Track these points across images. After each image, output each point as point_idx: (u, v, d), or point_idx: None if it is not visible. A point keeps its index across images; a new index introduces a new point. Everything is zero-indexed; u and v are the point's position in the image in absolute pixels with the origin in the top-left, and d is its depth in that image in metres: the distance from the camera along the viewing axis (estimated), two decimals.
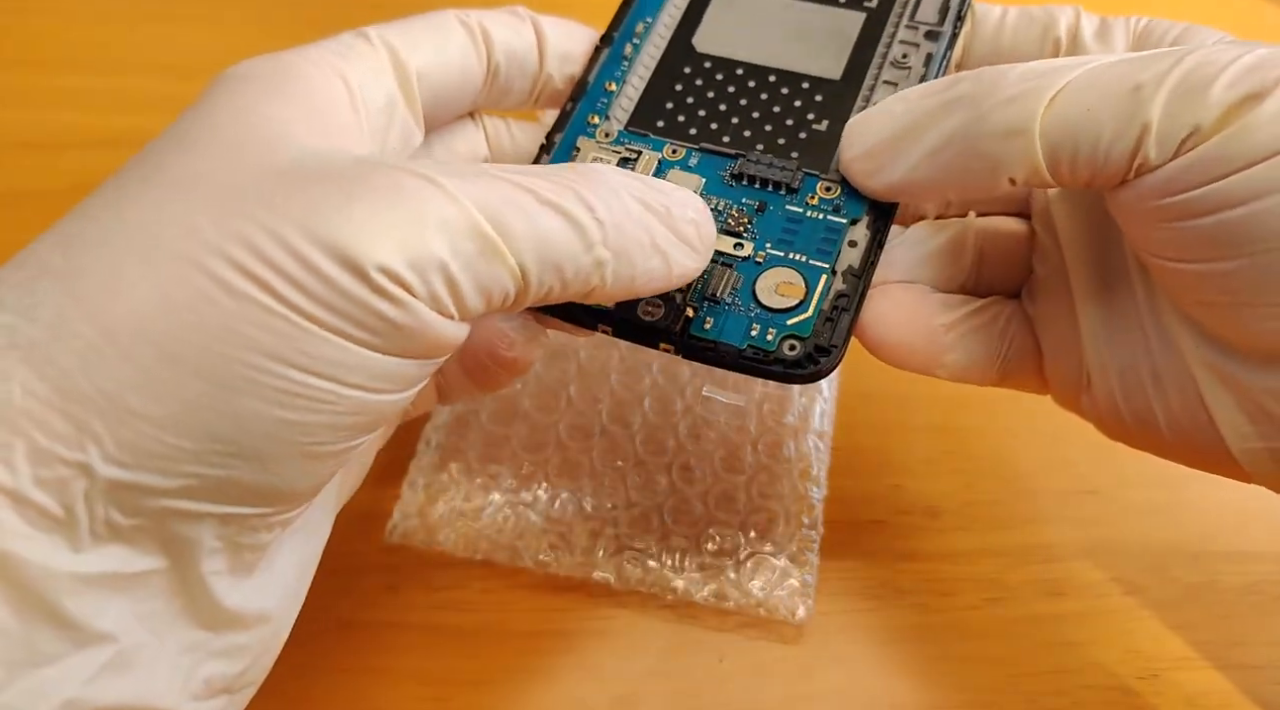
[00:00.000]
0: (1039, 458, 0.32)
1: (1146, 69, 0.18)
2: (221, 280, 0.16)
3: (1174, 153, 0.18)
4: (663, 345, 0.22)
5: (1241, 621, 0.29)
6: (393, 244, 0.16)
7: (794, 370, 0.21)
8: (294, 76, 0.20)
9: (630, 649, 0.28)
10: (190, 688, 0.18)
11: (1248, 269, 0.18)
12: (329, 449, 0.17)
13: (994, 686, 0.27)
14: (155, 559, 0.17)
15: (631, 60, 0.25)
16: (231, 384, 0.16)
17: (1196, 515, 0.31)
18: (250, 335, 0.16)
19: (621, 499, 0.30)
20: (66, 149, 0.39)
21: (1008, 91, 0.19)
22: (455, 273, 0.17)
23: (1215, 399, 0.20)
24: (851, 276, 0.22)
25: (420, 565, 0.29)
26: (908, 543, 0.30)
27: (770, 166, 0.23)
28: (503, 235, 0.17)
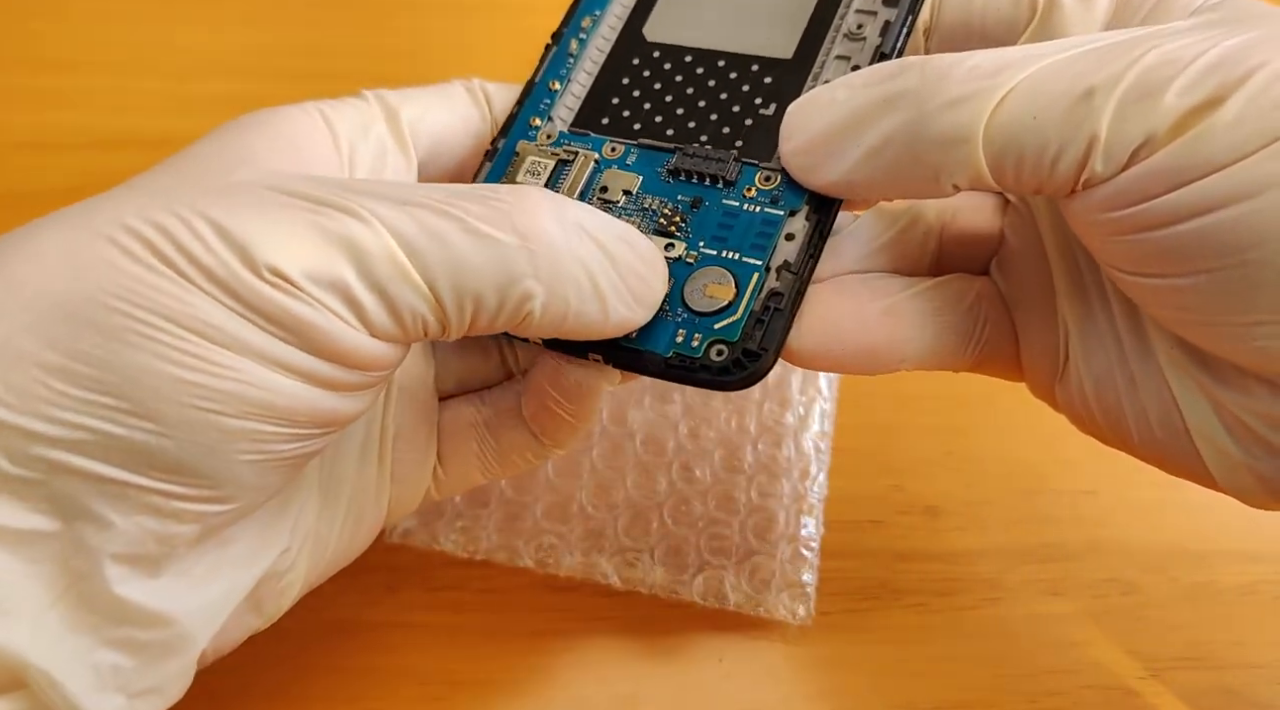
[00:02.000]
0: (1039, 458, 0.32)
1: (1101, 69, 0.17)
2: (127, 250, 0.17)
3: (1125, 164, 0.17)
4: (591, 355, 0.21)
5: (1241, 621, 0.29)
6: (293, 254, 0.17)
7: (721, 377, 0.20)
8: (280, 118, 0.21)
9: (630, 649, 0.28)
10: (78, 669, 0.17)
11: (1205, 285, 0.17)
12: (233, 424, 0.17)
13: (994, 686, 0.27)
14: (45, 519, 0.17)
15: (578, 57, 0.25)
16: (124, 338, 0.16)
17: (1196, 515, 0.31)
18: (146, 295, 0.16)
19: (621, 499, 0.30)
20: (66, 149, 0.39)
21: (952, 91, 0.18)
22: (358, 294, 0.17)
23: (1192, 410, 0.19)
24: (787, 273, 0.20)
25: (420, 565, 0.29)
26: (907, 543, 0.30)
27: (706, 159, 0.22)
28: (416, 261, 0.17)
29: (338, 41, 0.44)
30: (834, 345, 0.21)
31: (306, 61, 0.43)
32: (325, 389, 0.18)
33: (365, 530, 0.23)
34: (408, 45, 0.44)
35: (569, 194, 0.23)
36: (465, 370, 0.25)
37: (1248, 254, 0.16)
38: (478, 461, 0.24)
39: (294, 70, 0.42)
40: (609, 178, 0.23)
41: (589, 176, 0.23)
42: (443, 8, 0.45)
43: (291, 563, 0.21)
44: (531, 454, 0.24)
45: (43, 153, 0.39)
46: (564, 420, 0.23)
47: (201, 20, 0.44)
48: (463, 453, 0.24)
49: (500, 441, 0.24)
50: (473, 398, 0.25)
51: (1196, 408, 0.19)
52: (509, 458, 0.24)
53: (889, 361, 0.21)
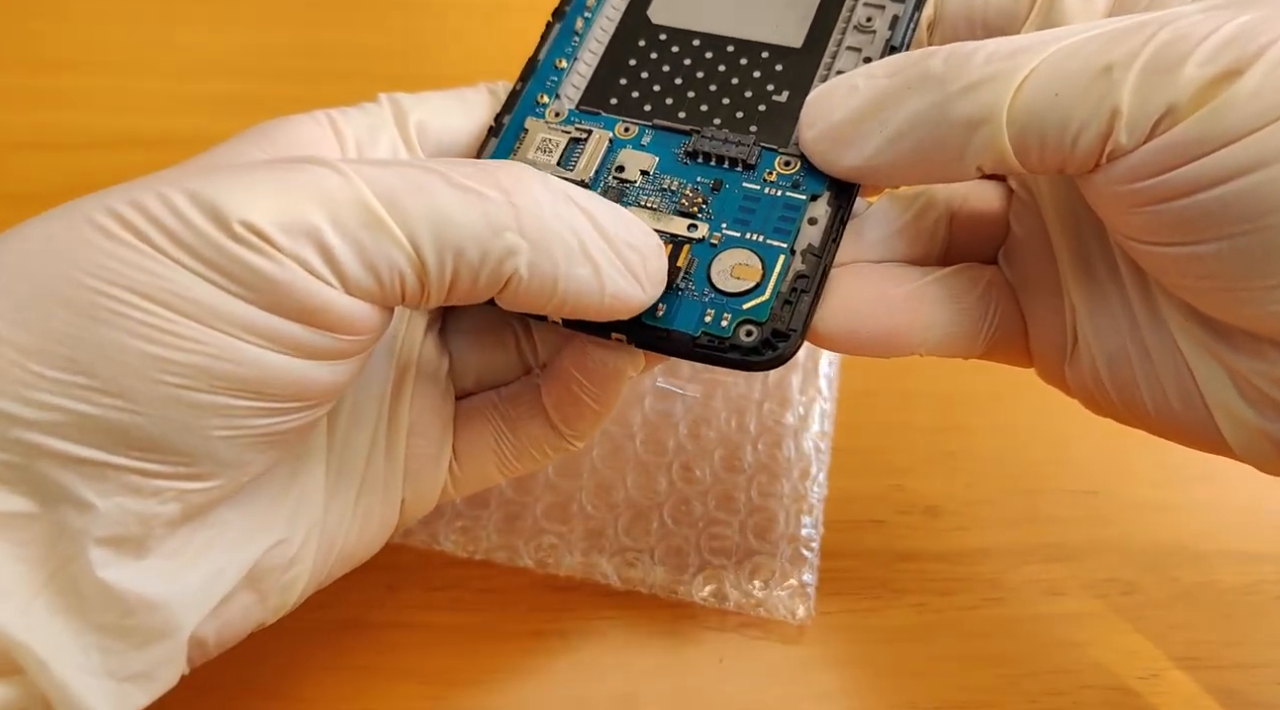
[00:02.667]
0: (1039, 458, 0.32)
1: (1118, 46, 0.17)
2: (102, 228, 0.17)
3: (1147, 136, 0.17)
4: (615, 335, 0.21)
5: (1241, 621, 0.29)
6: (264, 206, 0.17)
7: (751, 357, 0.20)
8: (285, 127, 0.21)
9: (630, 649, 0.28)
10: (67, 652, 0.17)
11: (1227, 251, 0.17)
12: (206, 399, 0.17)
13: (994, 686, 0.27)
14: (26, 502, 0.17)
15: (583, 35, 0.24)
16: (95, 315, 0.16)
17: (1196, 515, 0.31)
18: (118, 271, 0.16)
19: (621, 499, 0.30)
20: (66, 149, 0.39)
21: (973, 74, 0.18)
22: (331, 241, 0.17)
23: (1207, 379, 0.19)
24: (811, 256, 0.21)
25: (420, 565, 0.29)
26: (908, 543, 0.30)
27: (726, 142, 0.22)
28: (394, 211, 0.17)
29: (338, 41, 0.44)
30: (858, 327, 0.21)
31: (306, 61, 0.43)
32: (298, 355, 0.17)
33: (376, 526, 0.23)
34: (407, 45, 0.44)
35: (585, 171, 0.22)
36: (483, 366, 0.24)
37: (1268, 219, 0.16)
38: (495, 457, 0.24)
39: (294, 70, 0.42)
40: (625, 157, 0.23)
41: (604, 155, 0.23)
42: (442, 7, 0.45)
43: (295, 555, 0.21)
44: (550, 447, 0.24)
45: (42, 153, 0.39)
46: (587, 406, 0.23)
47: (201, 20, 0.44)
48: (479, 448, 0.24)
49: (518, 435, 0.24)
50: (490, 395, 0.24)
51: (1212, 377, 0.19)
52: (527, 452, 0.24)
53: (908, 345, 0.22)
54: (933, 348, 0.22)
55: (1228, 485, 0.31)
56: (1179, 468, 0.31)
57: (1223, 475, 0.31)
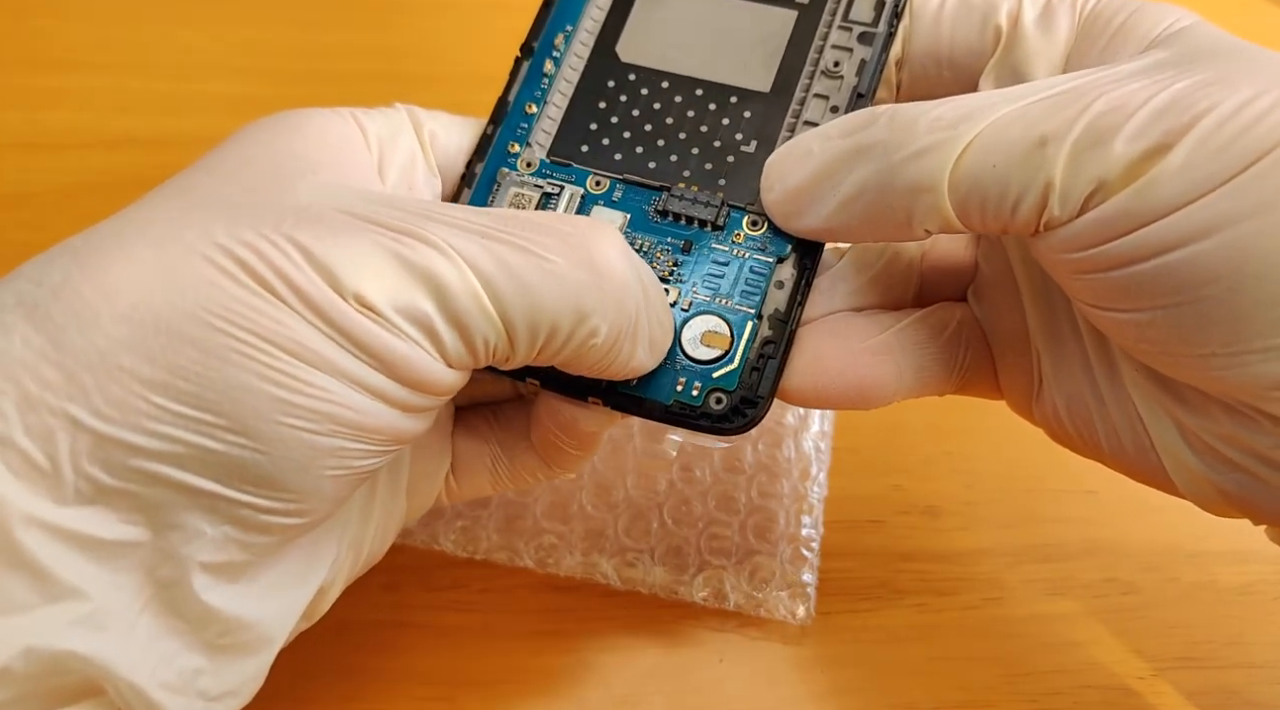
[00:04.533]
0: (1039, 458, 0.32)
1: (1053, 117, 0.18)
2: (224, 269, 0.17)
3: (1079, 209, 0.18)
4: (591, 399, 0.21)
5: (1240, 621, 0.29)
6: (379, 285, 0.17)
7: (721, 424, 0.21)
8: (311, 120, 0.21)
9: (630, 649, 0.28)
10: (162, 674, 0.18)
11: (1162, 320, 0.18)
12: (322, 442, 0.17)
13: (994, 686, 0.27)
14: (140, 530, 0.17)
15: (552, 78, 0.24)
16: (223, 355, 0.16)
17: (1196, 515, 0.30)
18: (244, 316, 0.17)
19: (621, 499, 0.30)
20: (66, 149, 0.39)
21: (918, 143, 0.19)
22: (438, 328, 0.18)
23: (1157, 428, 0.20)
24: (778, 322, 0.21)
25: (420, 565, 0.29)
26: (907, 543, 0.30)
27: (694, 202, 0.22)
28: (494, 298, 0.18)
29: (338, 41, 0.44)
30: (825, 385, 0.22)
31: (307, 62, 0.43)
32: (401, 411, 0.18)
33: (390, 536, 0.24)
34: (408, 45, 0.44)
35: None
36: (477, 388, 0.25)
37: (1200, 291, 0.17)
38: (489, 475, 0.25)
39: (294, 70, 0.42)
40: (597, 215, 0.23)
41: (576, 212, 0.23)
42: (442, 7, 0.45)
43: (339, 568, 0.22)
44: (542, 474, 0.25)
45: (42, 152, 0.39)
46: (568, 453, 0.23)
47: (202, 20, 0.44)
48: (476, 466, 0.25)
49: (513, 461, 0.25)
50: (487, 414, 0.25)
51: (1161, 427, 0.20)
52: (520, 475, 0.25)
53: (880, 397, 0.22)
54: (905, 394, 0.23)
55: None
56: None
57: None
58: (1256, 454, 0.18)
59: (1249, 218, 0.16)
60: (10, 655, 0.16)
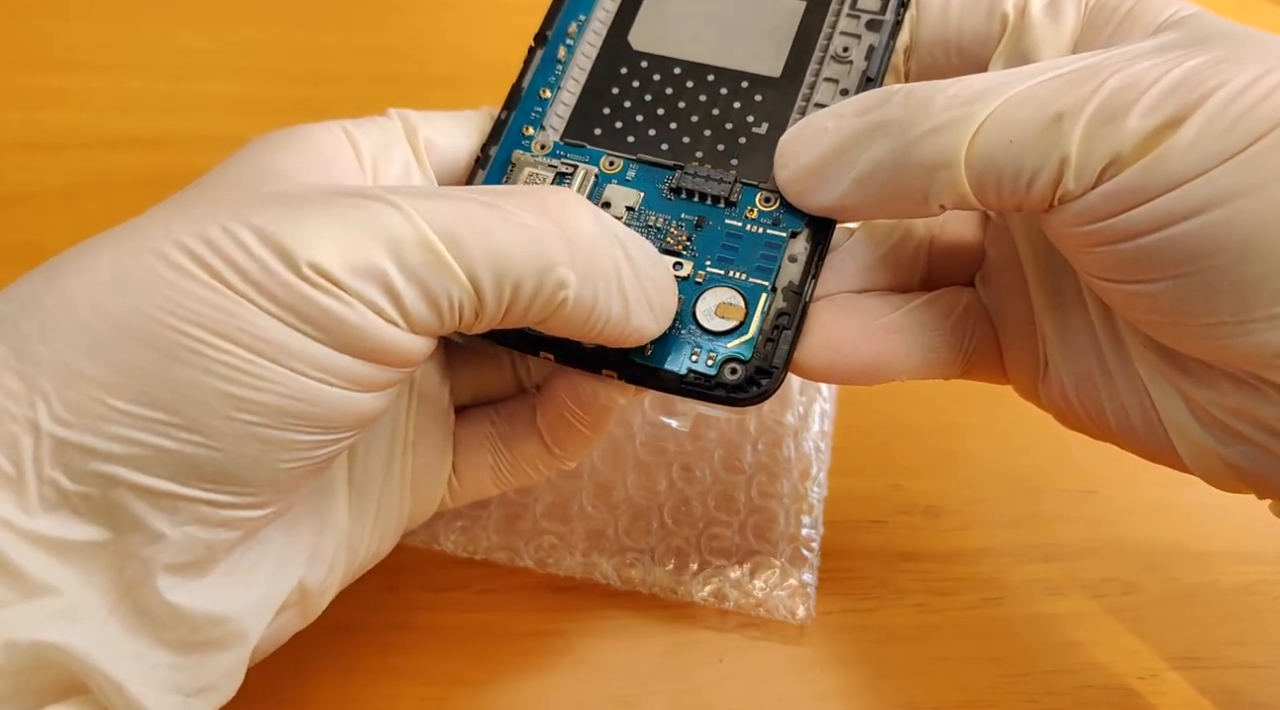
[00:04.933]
0: (1039, 457, 0.32)
1: (1068, 94, 0.18)
2: (174, 264, 0.17)
3: (1094, 182, 0.18)
4: (605, 371, 0.21)
5: (1241, 621, 0.29)
6: (330, 248, 0.17)
7: (736, 394, 0.21)
8: (305, 136, 0.21)
9: (630, 649, 0.28)
10: (141, 669, 0.18)
11: (1171, 290, 0.18)
12: (277, 435, 0.17)
13: (994, 686, 0.27)
14: (103, 532, 0.17)
15: (566, 64, 0.24)
16: (175, 354, 0.17)
17: (1196, 515, 0.31)
18: (195, 310, 0.17)
19: (621, 499, 0.30)
20: (66, 149, 0.39)
21: (933, 119, 0.19)
22: (396, 283, 0.17)
23: (1165, 404, 0.20)
24: (792, 294, 0.22)
25: (420, 565, 0.29)
26: (908, 543, 0.30)
27: (708, 179, 0.23)
28: (455, 249, 0.17)
29: (338, 41, 0.44)
30: (838, 360, 0.22)
31: (306, 61, 0.43)
32: (361, 390, 0.18)
33: (390, 535, 0.24)
34: (408, 45, 0.44)
35: None
36: (479, 383, 0.25)
37: (1208, 261, 0.17)
38: (491, 472, 0.25)
39: (294, 70, 0.42)
40: (610, 193, 0.23)
41: (590, 191, 0.23)
42: (442, 7, 0.45)
43: (330, 566, 0.22)
44: (543, 464, 0.25)
45: (42, 152, 0.39)
46: (578, 432, 0.24)
47: (202, 20, 0.44)
48: (477, 463, 0.25)
49: (514, 452, 0.25)
50: (487, 410, 0.25)
51: (1169, 401, 0.20)
52: (521, 468, 0.25)
53: (888, 374, 0.22)
54: (912, 374, 0.23)
55: None
56: None
57: None
58: (1263, 425, 0.19)
59: (1256, 191, 0.17)
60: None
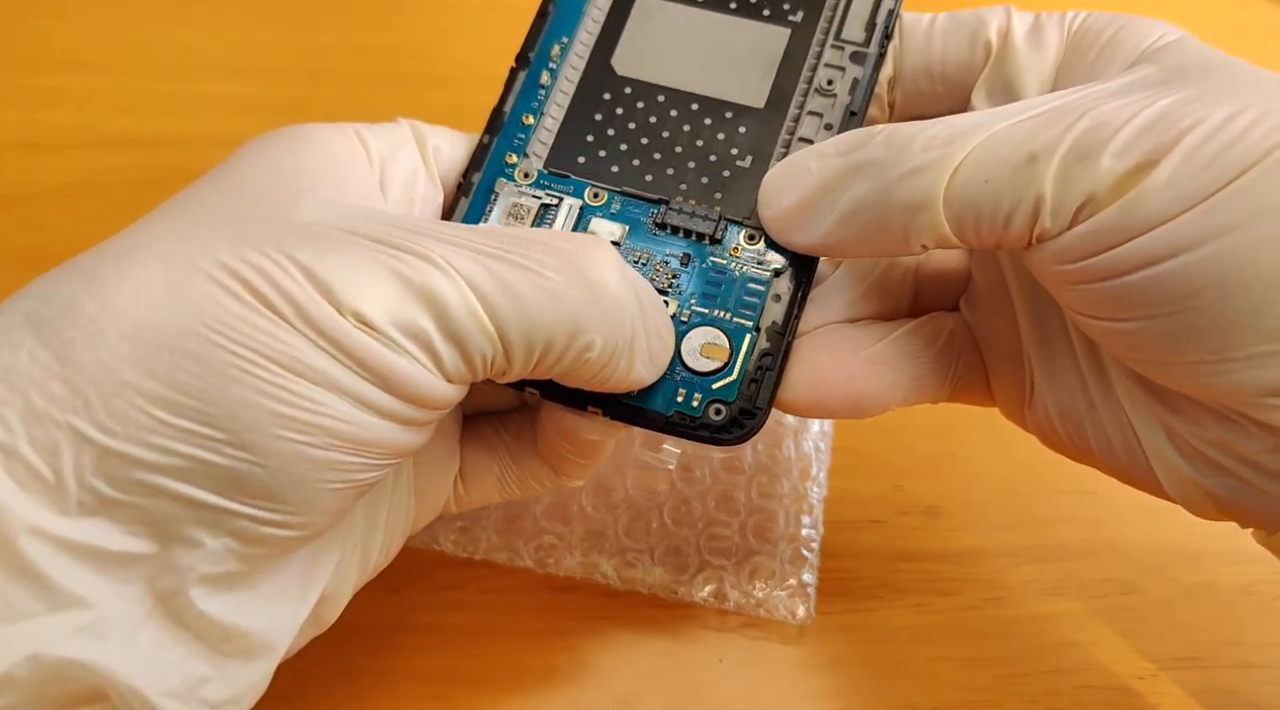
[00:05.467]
0: (1039, 458, 0.32)
1: (1041, 134, 0.18)
2: (227, 288, 0.17)
3: (1070, 222, 0.18)
4: (590, 408, 0.22)
5: (1240, 621, 0.29)
6: (377, 303, 0.17)
7: (720, 435, 0.21)
8: (315, 136, 0.21)
9: (630, 649, 0.28)
10: (166, 681, 0.18)
11: (1152, 328, 0.18)
12: (321, 456, 0.18)
13: (994, 686, 0.27)
14: (142, 542, 0.17)
15: (549, 89, 0.24)
16: (225, 372, 0.17)
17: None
18: (245, 332, 0.17)
19: (621, 499, 0.30)
20: (66, 149, 0.39)
21: (913, 161, 0.19)
22: (436, 345, 0.18)
23: (1147, 434, 0.21)
24: (775, 334, 0.22)
25: (420, 565, 0.29)
26: (907, 543, 0.30)
27: (693, 216, 0.23)
28: (490, 313, 0.18)
29: (338, 41, 0.44)
30: (822, 396, 0.22)
31: (307, 61, 0.43)
32: (399, 424, 0.18)
33: (398, 541, 0.24)
34: (408, 45, 0.44)
35: None
36: (487, 394, 0.25)
37: (1188, 301, 0.17)
38: (497, 482, 0.25)
39: (294, 70, 0.42)
40: (596, 227, 0.23)
41: (575, 225, 0.23)
42: (442, 8, 0.45)
43: (345, 575, 0.22)
44: (548, 481, 0.25)
45: (42, 152, 0.39)
46: (574, 462, 0.24)
47: (202, 20, 0.44)
48: (484, 473, 0.25)
49: (521, 468, 0.25)
50: (494, 422, 0.25)
51: (1151, 433, 0.21)
52: (528, 483, 0.25)
53: (875, 406, 0.23)
54: (900, 403, 0.23)
55: None
56: None
57: None
58: (1243, 459, 0.19)
59: (1233, 231, 0.17)
60: (14, 662, 0.16)
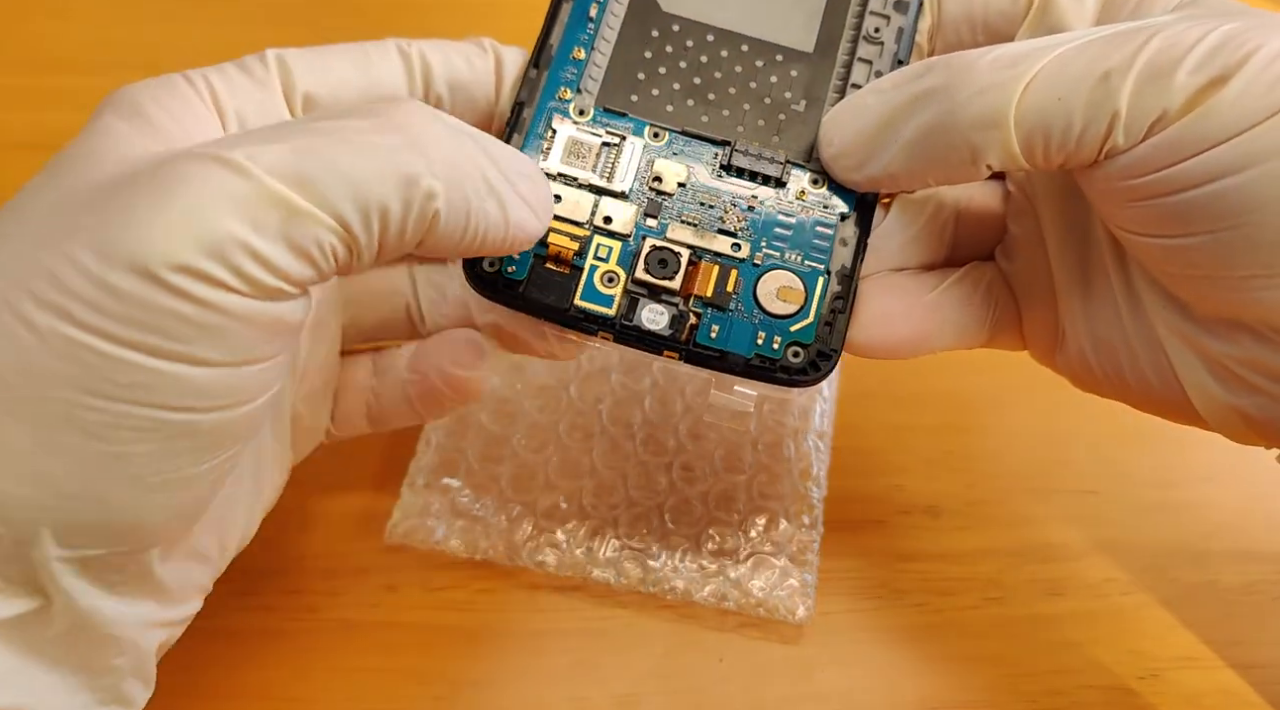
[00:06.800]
0: (1039, 458, 0.32)
1: (1113, 53, 0.19)
2: (23, 316, 0.15)
3: (1142, 137, 0.19)
4: (666, 353, 0.22)
5: (1241, 621, 0.29)
6: (182, 237, 0.15)
7: (798, 377, 0.21)
8: (158, 102, 0.19)
9: (630, 649, 0.28)
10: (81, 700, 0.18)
11: (1210, 244, 0.19)
12: (173, 477, 0.17)
13: (994, 686, 0.27)
14: (25, 601, 0.17)
15: (597, 22, 0.23)
16: (47, 423, 0.15)
17: (1196, 515, 0.31)
18: (55, 370, 0.15)
19: (621, 499, 0.30)
20: None
21: (980, 82, 0.20)
22: (261, 247, 0.16)
23: (1182, 361, 0.21)
24: (845, 277, 0.22)
25: (420, 565, 0.29)
26: (908, 543, 0.30)
27: (759, 158, 0.23)
28: (307, 191, 0.16)
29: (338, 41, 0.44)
30: (889, 337, 0.23)
31: None
32: (251, 367, 0.17)
33: (276, 490, 0.24)
34: None
35: (623, 182, 0.22)
36: (376, 326, 0.26)
37: (1247, 217, 0.18)
38: (365, 418, 0.26)
39: None
40: (661, 167, 0.23)
41: (640, 164, 0.23)
42: (444, 7, 0.45)
43: (242, 535, 0.22)
44: (411, 419, 0.26)
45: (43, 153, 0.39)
46: (445, 403, 0.25)
47: (202, 20, 0.44)
48: (353, 411, 0.26)
49: (383, 405, 0.26)
50: (364, 360, 0.26)
51: (1185, 359, 0.21)
52: (390, 420, 0.26)
53: (930, 346, 0.24)
54: (947, 346, 0.24)
55: (1227, 485, 0.31)
56: (1178, 468, 0.31)
57: (1222, 476, 0.31)
58: (1278, 377, 0.19)
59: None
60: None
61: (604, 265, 0.22)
